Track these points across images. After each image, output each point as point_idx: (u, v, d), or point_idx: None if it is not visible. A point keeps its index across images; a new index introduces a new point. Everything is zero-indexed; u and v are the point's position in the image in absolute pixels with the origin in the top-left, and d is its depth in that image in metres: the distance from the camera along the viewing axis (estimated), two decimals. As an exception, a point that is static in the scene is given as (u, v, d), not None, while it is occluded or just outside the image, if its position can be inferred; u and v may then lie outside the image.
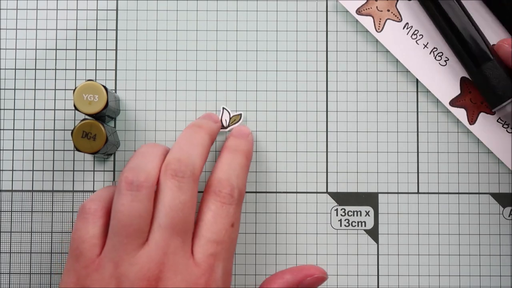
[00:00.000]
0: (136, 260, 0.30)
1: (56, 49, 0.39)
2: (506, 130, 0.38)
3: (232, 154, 0.36)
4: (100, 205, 0.32)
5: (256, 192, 0.39)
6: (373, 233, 0.39)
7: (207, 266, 0.31)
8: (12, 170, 0.39)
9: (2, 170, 0.39)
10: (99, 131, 0.35)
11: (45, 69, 0.39)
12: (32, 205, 0.39)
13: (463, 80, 0.38)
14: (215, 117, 0.38)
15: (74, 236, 0.32)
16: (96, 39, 0.39)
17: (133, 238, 0.31)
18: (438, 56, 0.39)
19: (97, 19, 0.39)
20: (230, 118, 0.39)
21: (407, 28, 0.39)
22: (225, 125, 0.39)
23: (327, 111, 0.39)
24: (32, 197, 0.39)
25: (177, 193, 0.31)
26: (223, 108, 0.39)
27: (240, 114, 0.39)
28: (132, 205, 0.31)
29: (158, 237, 0.31)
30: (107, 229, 0.32)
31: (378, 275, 0.39)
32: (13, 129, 0.39)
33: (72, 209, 0.39)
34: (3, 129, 0.39)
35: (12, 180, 0.39)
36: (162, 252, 0.31)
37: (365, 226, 0.39)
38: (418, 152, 0.39)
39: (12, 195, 0.39)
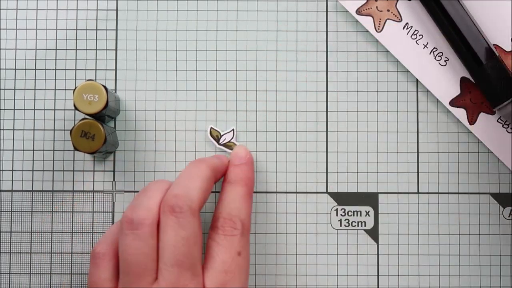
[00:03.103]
0: None
1: (56, 49, 0.39)
2: (506, 130, 0.38)
3: (231, 186, 0.36)
4: (108, 248, 0.33)
5: (256, 192, 0.39)
6: (373, 233, 0.39)
7: None
8: (12, 170, 0.39)
9: (2, 170, 0.39)
10: (98, 131, 0.35)
11: (45, 69, 0.39)
12: (32, 205, 0.39)
13: (463, 80, 0.38)
14: (223, 158, 0.38)
15: (89, 282, 0.33)
16: (96, 39, 0.39)
17: (142, 277, 0.31)
18: (438, 56, 0.39)
19: (97, 19, 0.39)
20: (228, 142, 0.39)
21: (407, 28, 0.39)
22: (221, 141, 0.39)
23: (327, 111, 0.39)
24: (32, 197, 0.39)
25: (178, 230, 0.32)
26: (232, 130, 0.39)
27: (232, 129, 0.39)
28: (135, 244, 0.31)
29: (166, 276, 0.31)
30: (118, 269, 0.33)
31: (378, 275, 0.39)
32: (13, 129, 0.39)
33: (72, 209, 0.39)
34: (3, 129, 0.39)
35: (12, 180, 0.39)
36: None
37: (365, 226, 0.39)
38: (418, 152, 0.39)
39: (12, 195, 0.39)
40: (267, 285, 0.39)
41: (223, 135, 0.39)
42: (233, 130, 0.39)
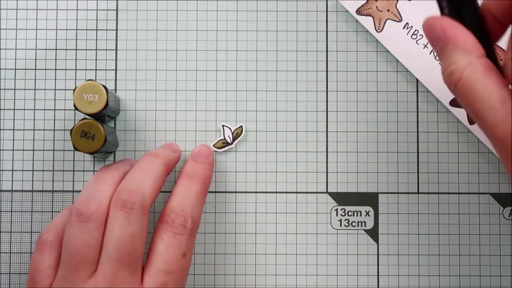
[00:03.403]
0: None
1: (56, 49, 0.39)
2: (506, 130, 0.38)
3: (189, 181, 0.35)
4: (56, 236, 0.33)
5: (256, 192, 0.39)
6: (373, 233, 0.39)
7: None
8: (12, 170, 0.39)
9: (2, 170, 0.39)
10: (98, 131, 0.35)
11: (45, 69, 0.39)
12: (32, 205, 0.39)
13: (463, 80, 0.38)
14: (175, 147, 0.38)
15: (31, 266, 0.33)
16: (96, 39, 0.39)
17: (81, 268, 0.31)
18: (438, 56, 0.39)
19: (97, 19, 0.39)
20: (233, 133, 0.39)
21: (407, 28, 0.39)
22: (229, 142, 0.39)
23: (327, 111, 0.39)
24: (32, 197, 0.39)
25: (126, 225, 0.32)
26: (223, 126, 0.39)
27: (241, 126, 0.39)
28: (81, 236, 0.31)
29: (106, 269, 0.31)
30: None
31: (378, 275, 0.39)
32: (13, 129, 0.39)
33: (72, 209, 0.39)
34: (3, 129, 0.39)
35: (12, 180, 0.39)
36: (109, 283, 0.31)
37: (365, 226, 0.39)
38: (418, 152, 0.39)
39: (12, 195, 0.39)
40: (267, 285, 0.39)
41: (234, 130, 0.39)
42: (241, 126, 0.39)
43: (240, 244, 0.39)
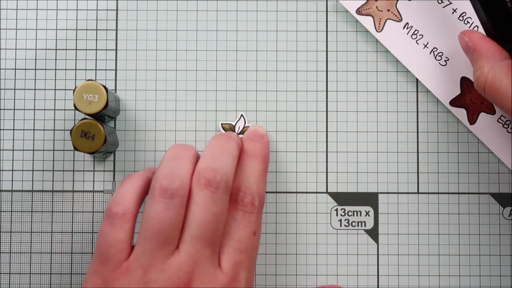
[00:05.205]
0: (167, 267, 0.31)
1: (56, 49, 0.39)
2: (506, 130, 0.38)
3: (251, 160, 0.35)
4: (127, 209, 0.32)
5: (256, 192, 0.39)
6: (373, 233, 0.39)
7: (233, 274, 0.32)
8: (12, 170, 0.39)
9: (2, 170, 0.39)
10: (97, 131, 0.35)
11: (45, 69, 0.39)
12: (32, 205, 0.39)
13: (463, 80, 0.38)
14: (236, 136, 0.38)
15: (100, 240, 0.32)
16: (96, 39, 0.39)
17: (164, 245, 0.31)
18: (438, 56, 0.39)
19: (97, 19, 0.39)
20: (243, 128, 0.39)
21: (407, 28, 0.39)
22: (236, 131, 0.39)
23: (327, 111, 0.39)
24: (32, 197, 0.39)
25: (210, 205, 0.31)
26: (241, 116, 0.39)
27: (241, 115, 0.39)
28: (166, 213, 0.31)
29: (189, 247, 0.31)
30: (133, 232, 0.32)
31: (378, 275, 0.39)
32: (13, 129, 0.39)
33: (72, 209, 0.39)
34: (3, 129, 0.39)
35: (12, 180, 0.39)
36: (192, 261, 0.31)
37: (365, 226, 0.39)
38: (418, 152, 0.39)
39: (12, 195, 0.39)
40: (267, 285, 0.39)
41: (235, 125, 0.39)
42: (242, 116, 0.39)
43: (240, 244, 0.39)
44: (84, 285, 0.32)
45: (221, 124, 0.39)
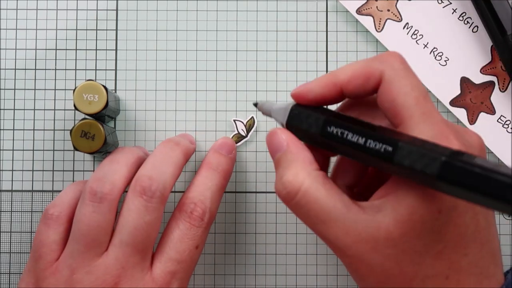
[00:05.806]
0: (93, 269, 0.31)
1: (56, 49, 0.39)
2: (506, 130, 0.38)
3: (211, 173, 0.35)
4: (63, 211, 0.33)
5: (256, 192, 0.39)
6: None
7: (164, 282, 0.32)
8: (12, 170, 0.39)
9: (2, 170, 0.39)
10: (98, 131, 0.35)
11: (45, 69, 0.39)
12: (32, 205, 0.39)
13: (463, 80, 0.38)
14: (191, 138, 0.38)
15: (35, 239, 0.33)
16: (96, 39, 0.39)
17: (91, 247, 0.31)
18: (438, 56, 0.39)
19: (97, 19, 0.39)
20: (245, 125, 0.39)
21: (407, 28, 0.39)
22: (244, 135, 0.39)
23: (327, 111, 0.39)
24: (32, 197, 0.39)
25: (144, 213, 0.31)
26: (234, 121, 0.39)
27: (252, 117, 0.39)
28: (93, 216, 0.31)
29: (118, 252, 0.31)
30: (68, 234, 0.33)
31: (378, 275, 0.39)
32: (13, 129, 0.39)
33: (72, 209, 0.39)
34: (3, 129, 0.39)
35: (12, 180, 0.39)
36: (120, 266, 0.31)
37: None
38: (418, 152, 0.39)
39: (12, 195, 0.39)
40: (267, 285, 0.39)
41: (246, 123, 0.39)
42: (252, 117, 0.39)
43: (240, 244, 0.39)
44: (19, 285, 0.33)
45: (233, 120, 0.39)
